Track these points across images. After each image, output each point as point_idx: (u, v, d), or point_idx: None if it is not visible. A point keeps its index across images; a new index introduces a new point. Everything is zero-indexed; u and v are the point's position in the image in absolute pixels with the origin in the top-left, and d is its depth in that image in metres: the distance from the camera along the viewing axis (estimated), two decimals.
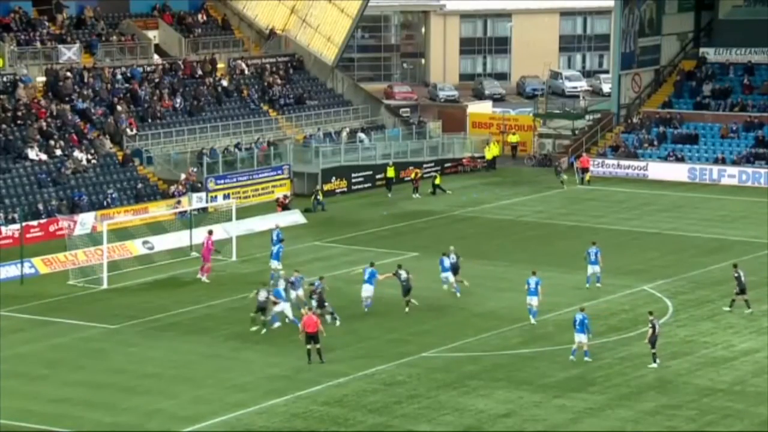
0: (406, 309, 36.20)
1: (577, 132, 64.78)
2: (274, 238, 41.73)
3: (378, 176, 57.59)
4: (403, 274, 36.29)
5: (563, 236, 47.41)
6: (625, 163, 60.24)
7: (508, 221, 50.61)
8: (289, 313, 34.37)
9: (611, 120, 64.30)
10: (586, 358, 31.69)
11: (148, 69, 58.92)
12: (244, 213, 48.86)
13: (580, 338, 31.70)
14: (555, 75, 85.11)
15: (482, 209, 52.92)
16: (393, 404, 28.88)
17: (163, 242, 45.41)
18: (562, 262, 42.03)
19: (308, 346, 31.32)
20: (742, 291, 36.09)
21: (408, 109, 70.58)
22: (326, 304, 34.70)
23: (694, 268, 41.48)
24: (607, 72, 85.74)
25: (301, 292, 35.66)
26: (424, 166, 59.58)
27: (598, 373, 30.98)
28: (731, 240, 46.09)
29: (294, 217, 50.69)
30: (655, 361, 31.34)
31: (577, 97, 73.87)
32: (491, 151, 62.73)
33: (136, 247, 45.01)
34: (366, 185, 57.70)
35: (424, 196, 55.45)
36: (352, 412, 28.39)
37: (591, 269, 38.64)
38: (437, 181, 56.68)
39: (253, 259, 43.54)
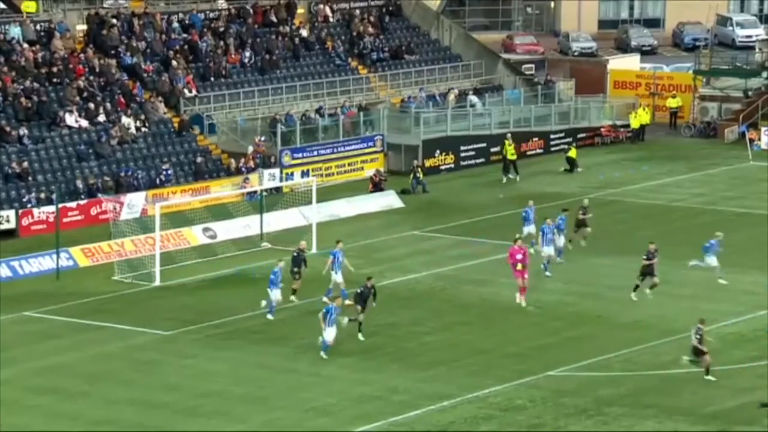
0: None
1: (750, 93, 63.72)
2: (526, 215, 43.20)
3: (493, 150, 57.44)
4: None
5: (731, 226, 46.61)
6: None
7: (659, 206, 50.20)
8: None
9: None
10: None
11: (211, 15, 59.79)
12: (326, 194, 49.28)
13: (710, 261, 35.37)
14: (723, 21, 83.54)
15: (625, 191, 52.50)
16: None
17: (227, 230, 46.14)
18: (730, 260, 41.36)
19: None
20: None
21: (532, 66, 70.28)
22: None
23: None
24: None
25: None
26: (552, 136, 59.20)
27: None
28: None
29: (388, 200, 50.92)
30: None
31: (752, 48, 72.36)
32: (639, 119, 62.23)
33: (195, 235, 45.82)
34: (478, 161, 57.63)
35: (552, 175, 54.98)
36: None
37: None
38: (572, 154, 56.30)
39: None
